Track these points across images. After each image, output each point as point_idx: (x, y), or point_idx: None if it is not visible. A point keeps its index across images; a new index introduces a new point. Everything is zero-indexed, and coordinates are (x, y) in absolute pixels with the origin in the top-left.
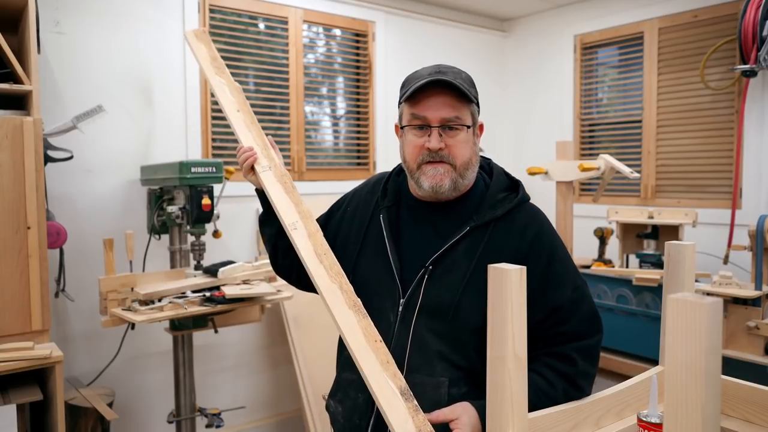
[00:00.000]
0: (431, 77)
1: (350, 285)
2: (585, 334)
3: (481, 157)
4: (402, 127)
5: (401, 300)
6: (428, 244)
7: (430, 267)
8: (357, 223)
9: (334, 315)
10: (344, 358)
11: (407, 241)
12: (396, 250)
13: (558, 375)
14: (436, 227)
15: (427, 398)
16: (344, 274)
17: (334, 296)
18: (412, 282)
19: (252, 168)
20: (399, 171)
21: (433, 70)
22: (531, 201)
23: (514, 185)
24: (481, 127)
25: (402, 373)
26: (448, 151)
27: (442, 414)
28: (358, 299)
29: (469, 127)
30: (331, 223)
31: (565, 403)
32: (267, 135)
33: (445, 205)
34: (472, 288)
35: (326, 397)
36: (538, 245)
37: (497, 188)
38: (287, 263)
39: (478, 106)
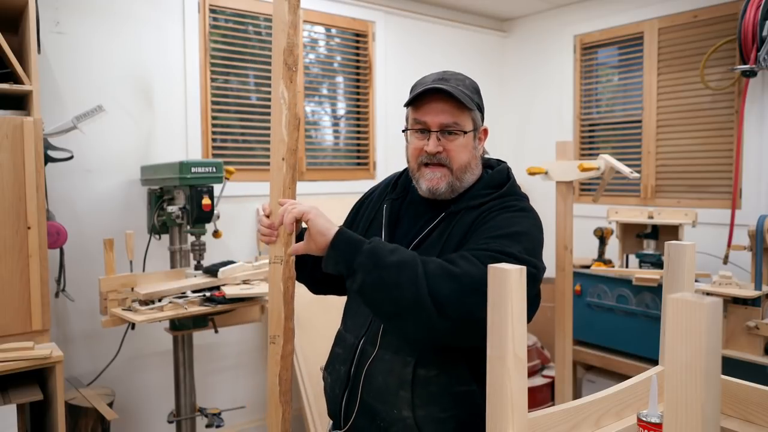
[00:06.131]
0: (433, 84)
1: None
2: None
3: (497, 160)
4: (404, 130)
5: None
6: (417, 232)
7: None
8: (368, 211)
9: None
10: (337, 333)
11: (402, 230)
12: (390, 237)
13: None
14: (428, 219)
15: (394, 375)
16: (290, 402)
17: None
18: None
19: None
20: None
21: (437, 77)
22: (524, 203)
23: (503, 183)
24: (485, 131)
25: (374, 349)
26: (446, 154)
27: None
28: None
29: (467, 132)
30: (354, 218)
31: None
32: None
33: (443, 201)
34: None
35: (322, 369)
36: (492, 215)
37: (487, 184)
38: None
39: (482, 112)
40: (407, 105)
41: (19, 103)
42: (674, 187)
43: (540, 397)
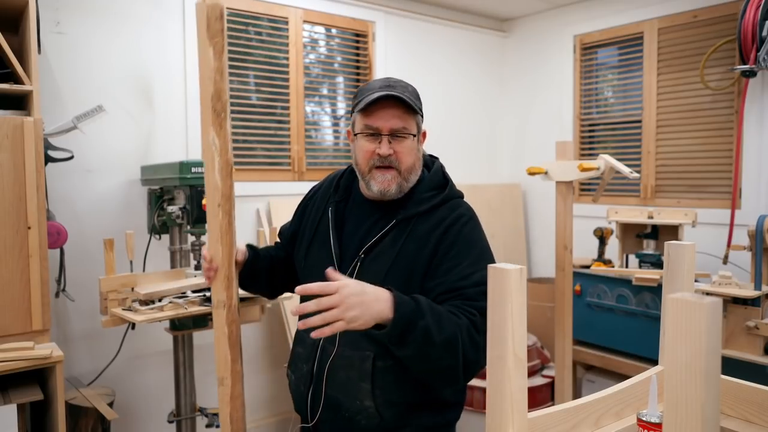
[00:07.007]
0: (382, 91)
1: None
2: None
3: (429, 155)
4: (355, 135)
5: None
6: (365, 235)
7: (362, 256)
8: (312, 215)
9: None
10: (296, 333)
11: (348, 233)
12: (338, 241)
13: (464, 316)
14: (374, 221)
15: (355, 369)
16: None
17: None
18: (348, 269)
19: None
20: (352, 170)
21: (384, 84)
22: (463, 199)
23: (444, 184)
24: (424, 134)
25: (334, 348)
26: (396, 156)
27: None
28: None
29: (414, 135)
30: (300, 221)
31: (457, 340)
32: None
33: (387, 202)
34: (395, 273)
35: (286, 367)
36: (450, 235)
37: (428, 186)
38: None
39: (422, 116)
40: (359, 111)
41: (19, 103)
42: (674, 187)
43: (540, 397)
